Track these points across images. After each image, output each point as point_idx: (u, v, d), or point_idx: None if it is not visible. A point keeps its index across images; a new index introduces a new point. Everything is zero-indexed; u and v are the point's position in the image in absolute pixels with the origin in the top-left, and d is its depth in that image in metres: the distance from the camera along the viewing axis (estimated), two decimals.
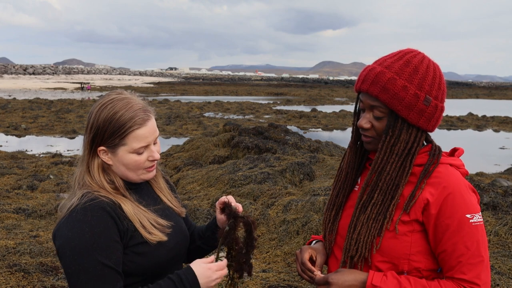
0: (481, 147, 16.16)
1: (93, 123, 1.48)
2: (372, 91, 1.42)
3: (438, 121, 1.46)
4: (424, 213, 1.41)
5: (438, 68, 1.47)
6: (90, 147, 1.50)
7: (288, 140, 10.23)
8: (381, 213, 1.43)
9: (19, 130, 18.00)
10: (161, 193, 1.67)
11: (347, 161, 1.60)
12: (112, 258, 1.39)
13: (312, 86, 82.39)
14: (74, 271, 1.36)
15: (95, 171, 1.50)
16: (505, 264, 4.41)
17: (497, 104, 45.34)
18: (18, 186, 8.19)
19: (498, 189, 6.74)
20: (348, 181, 1.59)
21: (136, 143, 1.48)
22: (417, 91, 1.40)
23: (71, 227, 1.38)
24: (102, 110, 1.48)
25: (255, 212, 5.96)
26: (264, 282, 4.32)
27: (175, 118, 22.19)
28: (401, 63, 1.43)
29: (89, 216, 1.39)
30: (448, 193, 1.39)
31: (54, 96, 39.01)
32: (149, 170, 1.56)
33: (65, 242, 1.38)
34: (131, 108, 1.49)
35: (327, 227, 1.61)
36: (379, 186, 1.45)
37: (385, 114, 1.44)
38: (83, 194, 1.45)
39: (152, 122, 1.53)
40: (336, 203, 1.60)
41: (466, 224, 1.38)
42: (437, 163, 1.44)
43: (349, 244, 1.47)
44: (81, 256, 1.36)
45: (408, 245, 1.42)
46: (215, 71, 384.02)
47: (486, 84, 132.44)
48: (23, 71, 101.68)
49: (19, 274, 4.28)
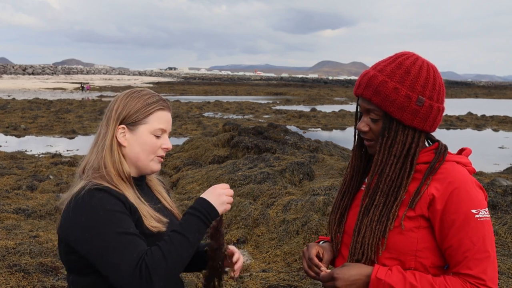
0: (481, 146, 16.17)
1: (119, 105, 1.56)
2: (365, 94, 1.46)
3: (436, 121, 1.47)
4: (430, 208, 1.41)
5: (432, 68, 1.48)
6: (114, 126, 1.55)
7: (287, 140, 10.24)
8: (384, 215, 1.44)
9: (19, 130, 17.99)
10: (160, 195, 1.70)
11: (351, 165, 1.62)
12: (130, 226, 1.41)
13: (312, 86, 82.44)
14: (100, 246, 1.37)
15: (115, 150, 1.54)
16: (505, 264, 4.42)
17: (496, 104, 45.38)
18: (17, 186, 8.19)
19: (497, 188, 6.76)
20: (354, 184, 1.61)
21: (157, 123, 1.56)
22: (408, 92, 1.42)
23: (83, 212, 1.40)
24: (129, 95, 1.59)
25: (254, 212, 5.96)
26: (264, 282, 4.32)
27: (174, 118, 22.06)
28: (393, 66, 1.46)
29: (96, 197, 1.41)
30: (454, 188, 1.39)
31: (54, 96, 39.00)
32: (160, 160, 1.60)
33: (82, 228, 1.39)
34: (157, 96, 1.62)
35: (333, 229, 1.62)
36: (380, 188, 1.46)
37: (380, 117, 1.46)
38: (86, 183, 1.47)
39: (170, 114, 1.64)
40: (341, 205, 1.61)
41: (471, 219, 1.38)
42: (442, 160, 1.45)
43: (354, 248, 1.48)
44: (102, 234, 1.37)
45: (414, 241, 1.42)
46: (215, 71, 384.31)
47: (485, 84, 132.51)
48: (22, 71, 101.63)
49: (19, 275, 4.28)
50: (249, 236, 5.63)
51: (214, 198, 1.48)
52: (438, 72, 1.50)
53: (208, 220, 1.46)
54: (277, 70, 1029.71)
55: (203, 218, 1.45)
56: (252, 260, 5.10)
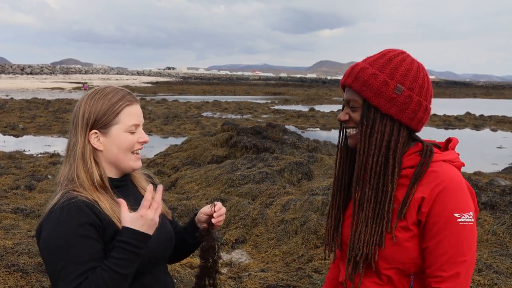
0: (479, 146, 16.20)
1: (84, 109, 1.53)
2: (347, 81, 1.48)
3: (416, 116, 1.44)
4: (418, 213, 1.41)
5: (418, 64, 1.47)
6: (84, 133, 1.52)
7: (286, 140, 10.24)
8: (379, 214, 1.43)
9: (17, 130, 17.96)
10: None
11: (338, 161, 1.62)
12: (88, 253, 1.40)
13: (310, 86, 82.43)
14: (52, 270, 1.41)
15: (87, 158, 1.52)
16: (503, 263, 4.42)
17: (495, 103, 45.43)
18: (16, 186, 8.18)
19: (495, 188, 6.76)
20: (344, 181, 1.60)
21: (128, 120, 1.54)
22: (387, 79, 1.42)
23: (49, 228, 1.43)
24: (92, 97, 1.54)
25: (253, 212, 5.96)
26: (263, 282, 4.32)
27: (173, 118, 22.17)
28: (376, 57, 1.48)
29: (64, 215, 1.42)
30: (440, 190, 1.39)
31: (52, 96, 38.94)
32: (138, 157, 1.59)
33: (43, 241, 1.43)
34: (120, 91, 1.57)
35: (331, 231, 1.61)
36: (368, 181, 1.46)
37: (360, 105, 1.47)
38: (63, 194, 1.48)
39: (139, 106, 1.61)
40: (336, 206, 1.61)
41: (452, 223, 1.38)
42: (428, 164, 1.43)
43: (352, 243, 1.48)
44: (58, 254, 1.39)
45: (411, 250, 1.42)
46: (213, 71, 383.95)
47: (484, 84, 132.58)
48: (21, 71, 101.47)
49: (17, 274, 4.27)
50: (248, 236, 5.63)
51: (139, 224, 1.41)
52: (425, 70, 1.49)
53: (139, 248, 1.41)
54: (275, 70, 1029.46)
55: (132, 249, 1.40)
56: (250, 260, 5.10)
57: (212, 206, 1.69)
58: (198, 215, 1.74)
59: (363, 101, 1.45)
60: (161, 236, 1.60)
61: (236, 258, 5.16)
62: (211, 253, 1.65)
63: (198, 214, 1.75)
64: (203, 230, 1.70)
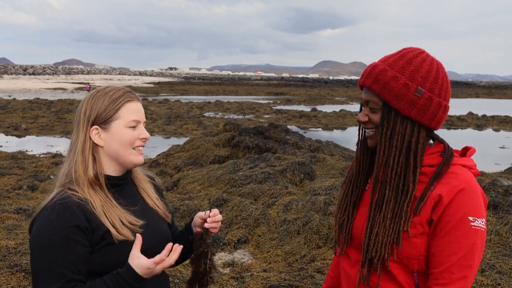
0: (481, 146, 16.16)
1: (86, 107, 1.56)
2: (366, 82, 1.47)
3: (436, 116, 1.44)
4: (433, 211, 1.40)
5: (437, 64, 1.47)
6: (85, 129, 1.54)
7: (288, 140, 10.23)
8: (397, 214, 1.42)
9: (19, 130, 18.00)
10: (146, 195, 1.69)
11: (357, 160, 1.60)
12: (68, 257, 1.42)
13: (312, 86, 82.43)
14: (34, 267, 1.43)
15: (87, 153, 1.54)
16: (506, 264, 4.41)
17: (497, 104, 45.35)
18: (18, 186, 8.20)
19: (498, 188, 6.75)
20: (361, 179, 1.59)
21: (129, 115, 1.56)
22: (407, 81, 1.42)
23: (38, 225, 1.45)
24: (94, 95, 1.58)
25: (255, 212, 5.96)
26: (265, 282, 4.32)
27: (175, 118, 22.19)
28: (396, 57, 1.47)
29: (54, 215, 1.43)
30: (459, 190, 1.38)
31: (54, 97, 39.01)
32: (139, 152, 1.59)
33: (32, 238, 1.45)
34: (121, 89, 1.61)
35: (341, 227, 1.60)
36: (388, 182, 1.45)
37: (379, 107, 1.46)
38: (58, 191, 1.50)
39: (140, 103, 1.62)
40: (349, 202, 1.59)
41: (465, 225, 1.37)
42: (449, 165, 1.43)
43: (368, 245, 1.46)
44: (41, 253, 1.42)
45: (418, 247, 1.41)
46: (215, 71, 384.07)
47: (486, 84, 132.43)
48: (23, 71, 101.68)
49: (20, 275, 4.28)
50: (250, 236, 5.63)
51: (143, 272, 1.46)
52: (444, 69, 1.48)
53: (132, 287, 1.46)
54: (277, 70, 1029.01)
55: (127, 287, 1.45)
56: (253, 260, 5.10)
57: (208, 211, 1.67)
58: (194, 219, 1.73)
59: (383, 103, 1.45)
60: (153, 237, 1.59)
61: (239, 258, 5.16)
62: (203, 259, 1.63)
63: (194, 218, 1.74)
64: (197, 234, 1.68)
